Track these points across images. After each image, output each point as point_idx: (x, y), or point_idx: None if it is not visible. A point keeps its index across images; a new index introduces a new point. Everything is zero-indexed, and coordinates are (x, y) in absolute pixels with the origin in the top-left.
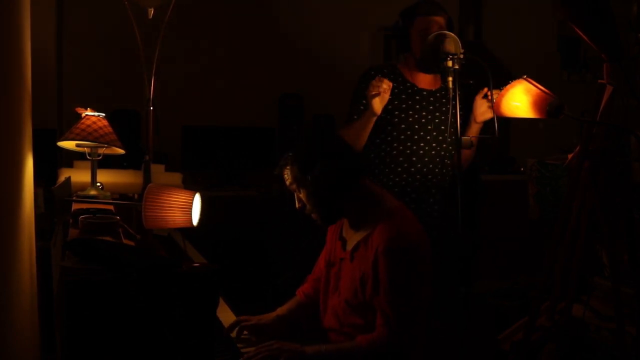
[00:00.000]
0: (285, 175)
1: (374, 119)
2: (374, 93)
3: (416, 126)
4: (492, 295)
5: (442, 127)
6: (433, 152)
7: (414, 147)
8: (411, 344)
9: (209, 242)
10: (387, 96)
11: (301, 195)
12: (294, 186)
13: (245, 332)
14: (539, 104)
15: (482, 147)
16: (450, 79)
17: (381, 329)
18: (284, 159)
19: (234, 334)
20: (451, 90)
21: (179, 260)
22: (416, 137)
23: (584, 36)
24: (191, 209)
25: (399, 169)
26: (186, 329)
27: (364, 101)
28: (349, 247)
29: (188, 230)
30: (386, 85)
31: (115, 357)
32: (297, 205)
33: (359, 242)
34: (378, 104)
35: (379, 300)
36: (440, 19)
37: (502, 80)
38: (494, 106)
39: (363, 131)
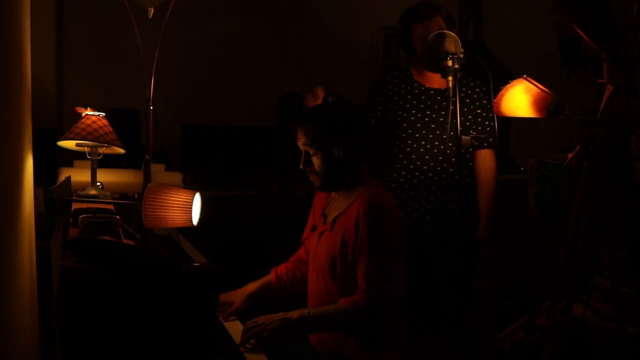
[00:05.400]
0: (304, 132)
1: None
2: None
3: (418, 125)
4: (492, 294)
5: (447, 126)
6: (435, 151)
7: (415, 145)
8: (391, 302)
9: (209, 242)
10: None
11: (315, 157)
12: (311, 147)
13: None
14: (539, 103)
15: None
16: (450, 78)
17: (363, 289)
18: (311, 116)
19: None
20: (451, 90)
21: (179, 260)
22: (417, 135)
23: (583, 35)
24: (191, 208)
25: (398, 166)
26: (186, 329)
27: (370, 102)
28: (329, 220)
29: (188, 230)
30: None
31: (115, 357)
32: (301, 165)
33: (339, 213)
34: None
35: (361, 262)
36: (434, 22)
37: (502, 80)
38: (494, 106)
39: None
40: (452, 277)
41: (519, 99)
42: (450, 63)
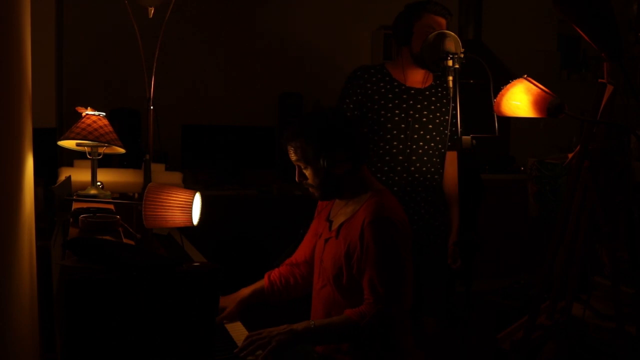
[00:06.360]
0: (292, 149)
1: None
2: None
3: (402, 125)
4: (492, 294)
5: (430, 126)
6: (420, 151)
7: (400, 147)
8: (398, 315)
9: (209, 242)
10: None
11: (306, 171)
12: (302, 162)
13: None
14: (539, 103)
15: (483, 146)
16: (451, 78)
17: (370, 302)
18: (294, 134)
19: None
20: (451, 90)
21: (179, 259)
22: (402, 136)
23: (584, 35)
24: (191, 208)
25: (386, 168)
26: (186, 329)
27: (347, 100)
28: (335, 226)
29: (188, 230)
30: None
31: (115, 357)
32: (297, 179)
33: (345, 220)
34: None
35: (367, 273)
36: (444, 22)
37: (502, 80)
38: (495, 105)
39: None
40: (444, 277)
41: (519, 99)
42: (450, 63)
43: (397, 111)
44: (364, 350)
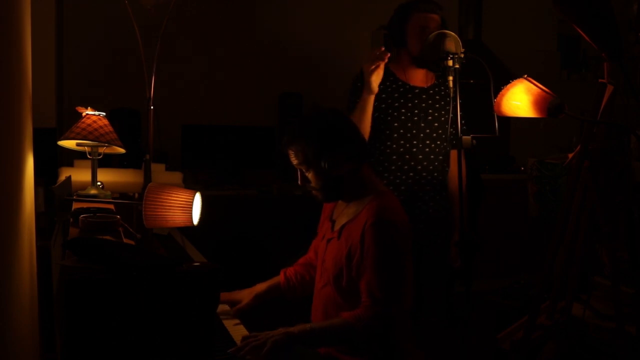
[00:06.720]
0: (293, 152)
1: (372, 98)
2: (372, 68)
3: (409, 124)
4: (492, 294)
5: (436, 125)
6: (427, 150)
7: (407, 145)
8: (396, 318)
9: (209, 242)
10: (382, 72)
11: (309, 174)
12: (303, 165)
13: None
14: (539, 103)
15: (483, 146)
16: (451, 78)
17: (366, 304)
18: (294, 136)
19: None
20: (452, 90)
21: (179, 259)
22: (409, 135)
23: (584, 35)
24: (191, 208)
25: (393, 167)
26: (186, 329)
27: (357, 98)
28: (337, 227)
29: (188, 230)
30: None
31: (115, 357)
32: (299, 182)
33: (347, 222)
34: (376, 81)
35: (365, 276)
36: (437, 17)
37: (502, 80)
38: (495, 105)
39: (364, 114)
40: (444, 277)
41: (519, 99)
42: (450, 63)
43: (403, 110)
44: (363, 352)
